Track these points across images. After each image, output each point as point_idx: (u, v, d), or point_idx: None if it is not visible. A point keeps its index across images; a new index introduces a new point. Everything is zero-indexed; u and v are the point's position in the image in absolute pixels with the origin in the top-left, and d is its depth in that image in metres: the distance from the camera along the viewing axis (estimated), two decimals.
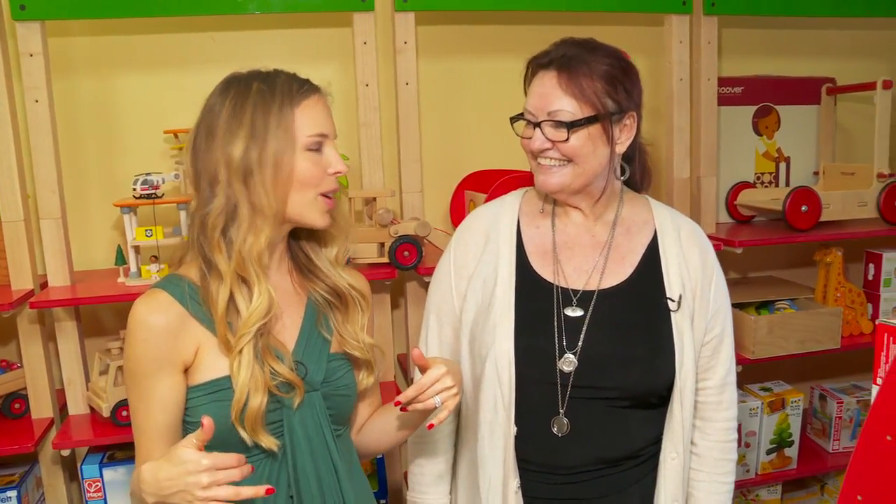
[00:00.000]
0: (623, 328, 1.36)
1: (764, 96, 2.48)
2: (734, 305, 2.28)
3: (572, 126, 1.30)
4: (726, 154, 2.42)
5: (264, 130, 1.17)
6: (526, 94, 1.39)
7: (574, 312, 1.36)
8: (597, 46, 1.35)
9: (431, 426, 1.27)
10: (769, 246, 2.44)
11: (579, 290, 1.38)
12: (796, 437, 2.41)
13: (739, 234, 2.28)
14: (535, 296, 1.38)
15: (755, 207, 2.44)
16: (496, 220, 1.46)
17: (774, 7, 2.28)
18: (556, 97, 1.31)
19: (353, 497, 1.29)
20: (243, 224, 1.19)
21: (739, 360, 2.22)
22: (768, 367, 2.43)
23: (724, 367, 1.44)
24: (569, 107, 1.30)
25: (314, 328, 1.31)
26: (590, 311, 1.36)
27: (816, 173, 2.53)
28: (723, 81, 2.36)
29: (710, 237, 2.24)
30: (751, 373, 2.36)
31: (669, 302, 1.37)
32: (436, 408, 1.23)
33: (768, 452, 2.39)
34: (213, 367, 1.20)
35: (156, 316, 1.18)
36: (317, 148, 1.22)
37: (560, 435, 1.33)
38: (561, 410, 1.33)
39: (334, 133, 1.27)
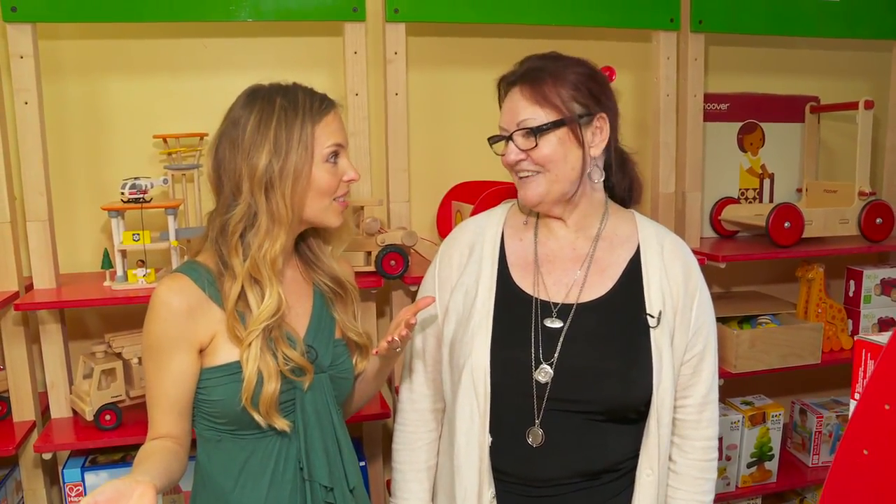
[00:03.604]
0: (600, 342, 1.36)
1: (749, 113, 2.51)
2: (718, 320, 2.31)
3: (538, 132, 1.32)
4: (711, 169, 2.45)
5: (287, 145, 1.28)
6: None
7: (553, 324, 1.36)
8: (560, 57, 1.39)
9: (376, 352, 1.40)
10: (752, 261, 2.46)
11: (559, 303, 1.38)
12: (776, 451, 2.43)
13: (723, 249, 2.30)
14: (514, 308, 1.39)
15: (739, 223, 2.46)
16: (482, 232, 1.48)
17: (761, 26, 2.32)
18: (521, 108, 1.34)
19: (351, 469, 1.41)
20: (261, 231, 1.29)
21: (721, 374, 2.23)
22: (749, 381, 2.44)
23: (706, 386, 1.43)
24: (533, 115, 1.33)
25: (323, 314, 1.43)
26: (568, 324, 1.36)
27: (799, 190, 2.56)
28: (709, 98, 2.39)
29: (694, 252, 2.27)
30: (732, 386, 2.38)
31: (649, 318, 1.37)
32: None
33: (749, 466, 2.41)
34: (228, 351, 1.29)
35: (177, 297, 1.27)
36: (333, 159, 1.33)
37: (535, 446, 1.33)
38: (536, 421, 1.33)
39: (347, 143, 1.38)
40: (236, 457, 1.32)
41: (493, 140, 1.41)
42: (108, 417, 1.86)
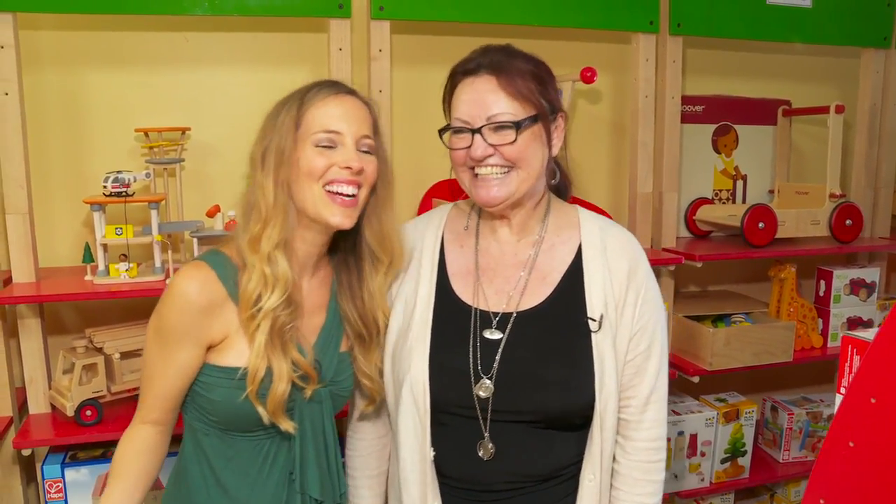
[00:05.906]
0: (539, 350, 1.31)
1: (723, 115, 2.56)
2: (693, 318, 2.36)
3: (520, 126, 1.26)
4: (686, 170, 2.49)
5: (273, 126, 1.26)
6: (448, 105, 1.37)
7: (492, 335, 1.32)
8: (517, 51, 1.34)
9: None
10: (726, 261, 2.51)
11: (499, 313, 1.34)
12: (749, 447, 2.48)
13: (699, 249, 2.34)
14: (453, 319, 1.35)
15: (713, 223, 2.51)
16: (421, 238, 1.44)
17: (737, 30, 2.37)
18: (493, 100, 1.27)
19: (340, 487, 1.38)
20: (253, 213, 1.26)
21: (697, 372, 2.28)
22: (723, 379, 2.49)
23: (649, 386, 1.36)
24: (510, 108, 1.26)
25: (334, 326, 1.38)
26: (506, 334, 1.32)
27: (771, 191, 2.62)
28: (685, 100, 2.43)
29: (672, 251, 2.32)
30: (707, 384, 2.43)
31: (590, 322, 1.32)
32: None
33: (722, 461, 2.46)
34: (237, 355, 1.26)
35: (197, 290, 1.23)
36: (326, 144, 1.26)
37: (486, 459, 1.30)
38: (486, 435, 1.30)
39: (354, 135, 1.28)
40: (223, 453, 1.30)
41: (454, 131, 1.33)
42: (88, 413, 1.83)
